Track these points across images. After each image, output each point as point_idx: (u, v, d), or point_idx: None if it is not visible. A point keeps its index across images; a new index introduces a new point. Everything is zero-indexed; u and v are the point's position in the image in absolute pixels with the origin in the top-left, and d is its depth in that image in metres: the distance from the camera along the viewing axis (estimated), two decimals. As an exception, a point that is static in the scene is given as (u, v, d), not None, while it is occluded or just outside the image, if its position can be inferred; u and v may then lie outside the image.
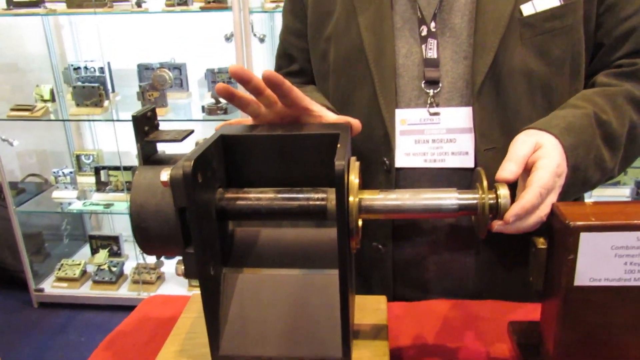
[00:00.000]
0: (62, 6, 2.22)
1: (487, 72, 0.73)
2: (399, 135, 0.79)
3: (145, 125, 0.58)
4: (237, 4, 2.02)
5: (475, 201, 0.58)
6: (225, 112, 2.28)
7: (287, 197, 0.59)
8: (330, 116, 0.68)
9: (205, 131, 2.64)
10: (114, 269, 2.59)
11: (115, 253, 2.73)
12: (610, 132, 0.72)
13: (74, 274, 2.59)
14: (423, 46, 0.77)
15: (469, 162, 0.77)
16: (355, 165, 0.58)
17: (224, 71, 2.42)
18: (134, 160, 2.60)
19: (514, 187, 0.64)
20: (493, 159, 0.75)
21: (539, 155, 0.63)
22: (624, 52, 0.78)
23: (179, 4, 2.14)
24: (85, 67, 2.47)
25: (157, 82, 2.25)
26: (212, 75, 2.46)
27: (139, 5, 2.15)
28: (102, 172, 2.56)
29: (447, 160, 0.78)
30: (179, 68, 2.49)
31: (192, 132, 0.61)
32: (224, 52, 2.25)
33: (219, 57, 2.40)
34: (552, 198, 0.62)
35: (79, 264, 2.63)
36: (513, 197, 0.61)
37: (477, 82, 0.74)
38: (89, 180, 2.65)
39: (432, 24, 0.77)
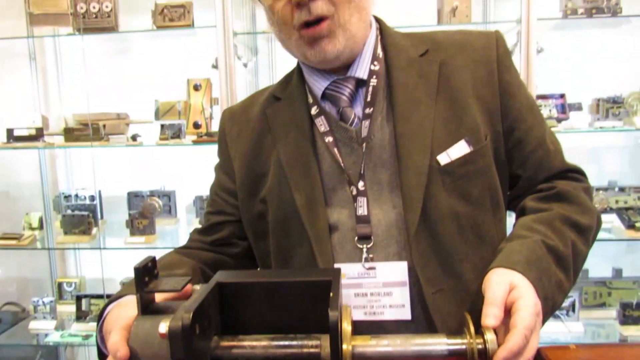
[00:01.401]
0: (60, 139, 2.32)
1: (418, 221, 0.79)
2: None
3: (146, 276, 0.61)
4: (228, 137, 2.15)
5: (464, 346, 0.60)
6: (213, 238, 2.31)
7: (281, 344, 0.60)
8: None
9: (191, 257, 2.64)
10: (87, 407, 2.42)
11: (90, 388, 2.57)
12: (560, 255, 0.77)
13: (43, 413, 2.41)
14: (354, 204, 0.83)
15: (405, 314, 0.80)
16: (347, 311, 0.60)
17: (212, 198, 2.49)
18: (117, 288, 2.55)
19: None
20: (443, 300, 0.78)
21: (516, 296, 0.66)
22: (540, 179, 0.88)
23: (172, 138, 2.26)
24: (76, 195, 2.52)
25: (147, 211, 2.30)
26: (201, 202, 2.52)
27: (134, 139, 2.26)
28: (83, 300, 2.49)
29: (386, 313, 0.81)
30: (168, 195, 2.56)
31: (190, 280, 0.63)
32: (212, 180, 2.33)
33: (207, 185, 2.48)
34: (535, 338, 0.64)
35: (50, 402, 2.45)
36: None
37: (411, 232, 0.79)
38: (69, 309, 2.57)
39: (360, 183, 0.83)
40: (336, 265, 0.82)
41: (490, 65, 0.86)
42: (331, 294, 0.58)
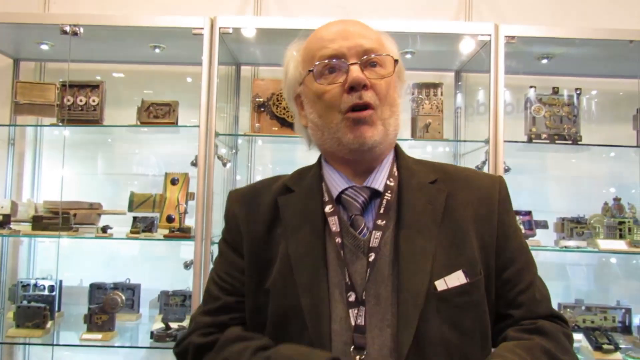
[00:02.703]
0: (27, 227, 2.26)
1: (411, 342, 0.80)
2: None
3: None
4: (200, 235, 2.14)
5: None
6: (175, 339, 2.21)
7: None
8: None
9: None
10: None
11: None
12: None
13: None
14: (351, 311, 0.84)
15: None
16: None
17: (178, 294, 2.42)
18: (65, 389, 2.37)
19: None
20: None
21: None
22: (523, 317, 0.90)
23: (144, 231, 2.23)
24: (35, 285, 2.41)
25: (108, 306, 2.20)
26: (166, 298, 2.43)
27: (104, 231, 2.22)
28: (26, 401, 2.30)
29: None
30: (132, 289, 2.47)
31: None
32: (180, 275, 2.28)
33: (174, 280, 2.42)
34: None
35: None
36: None
37: (403, 352, 0.80)
38: (8, 410, 2.36)
39: (364, 293, 0.85)
40: None
41: (492, 206, 0.93)
42: None
